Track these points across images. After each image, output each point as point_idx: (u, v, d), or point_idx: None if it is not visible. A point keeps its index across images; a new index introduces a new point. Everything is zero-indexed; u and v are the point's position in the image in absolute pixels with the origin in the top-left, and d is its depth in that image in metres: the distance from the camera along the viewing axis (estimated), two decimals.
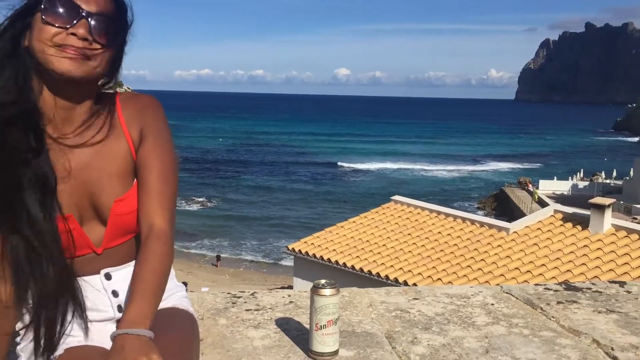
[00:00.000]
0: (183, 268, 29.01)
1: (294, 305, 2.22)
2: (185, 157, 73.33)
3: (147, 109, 1.44)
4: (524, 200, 43.12)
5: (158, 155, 1.39)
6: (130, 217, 1.37)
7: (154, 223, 1.32)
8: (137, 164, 1.38)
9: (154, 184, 1.36)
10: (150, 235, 1.30)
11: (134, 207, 1.36)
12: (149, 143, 1.39)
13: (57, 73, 1.26)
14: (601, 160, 71.85)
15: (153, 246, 1.29)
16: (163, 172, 1.38)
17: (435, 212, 15.55)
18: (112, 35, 1.30)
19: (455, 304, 2.29)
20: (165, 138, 1.43)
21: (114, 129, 1.39)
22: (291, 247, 15.78)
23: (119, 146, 1.38)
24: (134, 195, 1.37)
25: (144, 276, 1.24)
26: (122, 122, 1.41)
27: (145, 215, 1.33)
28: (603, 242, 12.79)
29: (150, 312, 1.19)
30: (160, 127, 1.44)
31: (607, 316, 2.18)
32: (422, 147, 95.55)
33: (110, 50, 1.32)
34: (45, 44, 1.25)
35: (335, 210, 42.41)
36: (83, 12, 1.26)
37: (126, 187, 1.37)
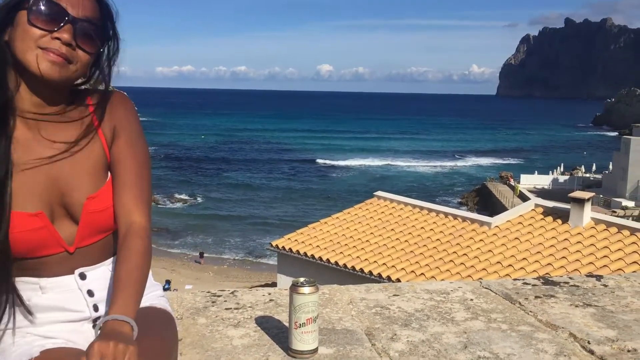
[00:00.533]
0: (167, 266, 28.84)
1: (274, 304, 2.22)
2: (168, 154, 72.83)
3: (118, 106, 1.45)
4: (505, 194, 43.53)
5: (132, 152, 1.40)
6: (103, 215, 1.36)
7: (134, 220, 1.34)
8: (112, 162, 1.39)
9: (131, 181, 1.37)
10: (130, 232, 1.32)
11: (106, 204, 1.36)
12: (122, 140, 1.40)
13: (38, 75, 1.27)
14: (581, 155, 72.82)
15: (134, 243, 1.31)
16: (138, 169, 1.39)
17: (418, 207, 15.63)
18: (95, 41, 1.33)
19: (435, 299, 2.31)
20: (138, 135, 1.44)
21: (87, 127, 1.39)
22: (275, 244, 15.76)
23: (92, 143, 1.39)
24: (106, 192, 1.37)
25: (126, 275, 1.26)
26: (95, 120, 1.41)
27: (123, 212, 1.34)
28: (583, 236, 12.96)
29: (133, 307, 1.22)
30: (133, 124, 1.45)
31: (583, 310, 2.21)
32: (405, 142, 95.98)
33: (92, 56, 1.34)
34: (28, 45, 1.26)
35: (318, 207, 42.45)
36: (69, 17, 1.27)
37: (99, 184, 1.37)
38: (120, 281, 1.25)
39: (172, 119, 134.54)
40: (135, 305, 1.23)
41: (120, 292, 1.23)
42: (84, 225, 1.35)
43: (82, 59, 1.31)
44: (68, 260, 1.36)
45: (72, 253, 1.36)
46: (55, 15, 1.26)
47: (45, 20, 1.26)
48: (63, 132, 1.36)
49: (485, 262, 12.86)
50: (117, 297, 1.22)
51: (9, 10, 1.27)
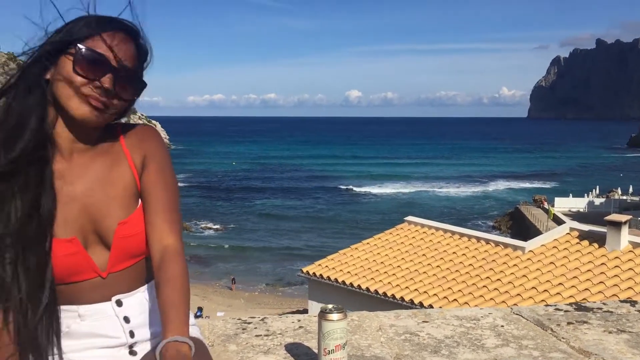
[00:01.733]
0: (198, 293, 28.98)
1: (303, 330, 2.24)
2: (199, 182, 73.70)
3: (148, 137, 1.52)
4: (539, 218, 42.72)
5: (162, 179, 1.46)
6: (134, 240, 1.41)
7: (168, 243, 1.38)
8: (142, 189, 1.45)
9: (162, 206, 1.42)
10: (167, 255, 1.37)
11: (137, 229, 1.41)
12: (152, 168, 1.47)
13: (76, 119, 1.35)
14: (617, 177, 71.15)
15: (172, 267, 1.35)
16: (168, 195, 1.45)
17: (449, 232, 15.47)
18: (132, 89, 1.40)
19: (465, 326, 2.29)
20: (167, 163, 1.51)
21: (117, 156, 1.47)
22: (305, 270, 15.75)
23: (123, 172, 1.45)
24: (137, 217, 1.42)
25: (172, 297, 1.31)
26: (125, 151, 1.48)
27: (156, 236, 1.39)
28: (620, 260, 12.63)
29: (187, 324, 1.28)
30: (162, 153, 1.51)
31: (617, 336, 2.17)
32: (435, 167, 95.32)
33: (128, 102, 1.42)
34: (70, 92, 1.33)
35: (348, 234, 42.26)
36: (111, 67, 1.34)
37: (130, 210, 1.43)
38: (167, 305, 1.29)
39: (204, 146, 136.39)
40: (187, 326, 1.27)
41: (170, 313, 1.27)
42: (116, 251, 1.40)
43: (119, 106, 1.39)
44: (102, 287, 1.41)
45: (105, 278, 1.41)
46: (99, 64, 1.33)
47: (89, 69, 1.32)
48: (95, 163, 1.43)
49: (519, 288, 12.61)
50: (169, 319, 1.26)
51: (55, 53, 1.34)
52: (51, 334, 1.35)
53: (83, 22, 1.36)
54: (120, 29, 1.37)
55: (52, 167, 1.36)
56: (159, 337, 1.36)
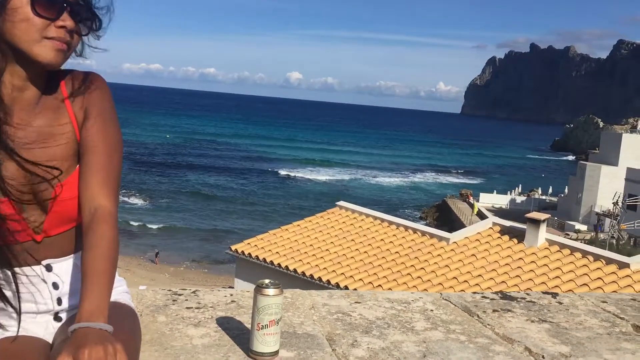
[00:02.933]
0: (122, 265, 28.29)
1: (235, 305, 2.21)
2: (130, 152, 71.68)
3: (91, 87, 1.40)
4: (464, 211, 44.29)
5: (102, 134, 1.35)
6: (72, 203, 1.32)
7: (100, 204, 1.28)
8: (81, 144, 1.34)
9: (98, 165, 1.31)
10: (97, 217, 1.26)
11: (76, 192, 1.32)
12: (92, 122, 1.35)
13: (43, 63, 1.25)
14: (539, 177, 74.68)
15: (101, 229, 1.24)
16: (107, 153, 1.34)
17: (379, 219, 15.76)
18: (89, 22, 1.31)
19: (396, 308, 2.33)
20: (110, 117, 1.39)
21: (59, 110, 1.35)
22: (234, 248, 15.65)
23: (62, 127, 1.34)
24: (76, 179, 1.32)
25: (95, 263, 1.20)
26: (67, 103, 1.36)
27: (89, 197, 1.29)
28: (537, 256, 13.28)
29: (107, 303, 1.16)
30: (105, 105, 1.40)
31: (539, 325, 2.26)
32: (369, 155, 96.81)
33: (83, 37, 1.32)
34: (33, 37, 1.22)
35: (279, 216, 42.35)
36: (67, 2, 1.25)
37: (69, 171, 1.33)
38: (89, 272, 1.18)
39: (137, 116, 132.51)
40: (107, 301, 1.16)
41: (91, 285, 1.16)
42: (53, 214, 1.31)
43: (77, 42, 1.30)
44: (35, 250, 1.32)
45: (39, 242, 1.32)
46: (57, 2, 1.23)
47: (49, 8, 1.22)
48: (35, 117, 1.31)
49: (442, 277, 13.04)
50: (88, 292, 1.15)
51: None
52: None
53: None
54: None
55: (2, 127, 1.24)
56: None
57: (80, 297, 1.16)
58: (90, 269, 1.19)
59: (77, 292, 1.37)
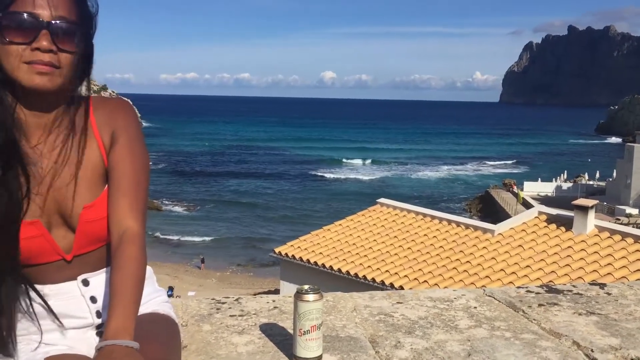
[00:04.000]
0: (169, 272, 28.86)
1: (278, 311, 2.23)
2: (171, 161, 72.99)
3: (118, 111, 1.43)
4: (508, 202, 43.46)
5: (129, 158, 1.37)
6: (99, 224, 1.35)
7: (128, 226, 1.30)
8: (109, 168, 1.37)
9: (126, 187, 1.34)
10: (124, 239, 1.29)
11: (103, 213, 1.35)
12: (120, 146, 1.38)
13: (31, 89, 1.26)
14: (585, 162, 72.67)
15: (128, 251, 1.27)
16: (135, 175, 1.36)
17: (421, 214, 15.62)
18: (76, 38, 1.29)
19: (439, 307, 2.31)
20: (136, 140, 1.41)
21: (85, 134, 1.38)
22: (277, 251, 15.76)
23: (90, 151, 1.37)
24: (103, 201, 1.35)
25: (122, 283, 1.23)
26: (94, 126, 1.39)
27: (117, 219, 1.31)
28: (586, 243, 12.93)
29: (132, 320, 1.19)
30: (132, 129, 1.42)
31: (587, 318, 2.21)
32: (408, 149, 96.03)
33: (78, 54, 1.31)
34: (13, 63, 1.24)
35: (321, 215, 42.43)
36: (42, 23, 1.24)
37: (96, 193, 1.36)
38: (116, 292, 1.21)
39: (176, 126, 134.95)
40: (132, 321, 1.19)
41: (117, 304, 1.19)
42: (81, 235, 1.35)
43: (67, 61, 1.28)
44: (67, 268, 1.37)
45: (69, 261, 1.36)
46: (28, 25, 1.23)
47: (20, 34, 1.23)
48: (62, 142, 1.35)
49: (488, 270, 12.83)
50: (114, 315, 1.18)
51: None
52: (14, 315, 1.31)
53: None
54: None
55: (19, 148, 1.28)
56: None
57: (107, 316, 1.20)
58: (118, 289, 1.22)
59: None
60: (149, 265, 1.40)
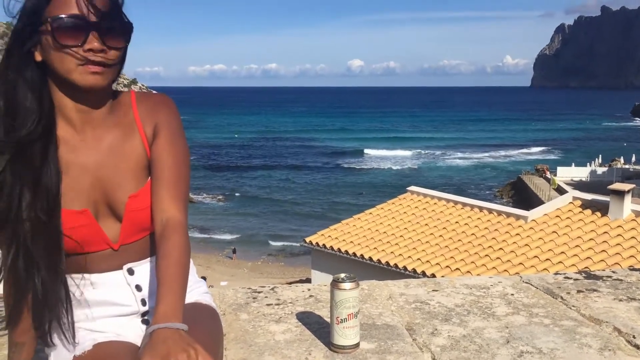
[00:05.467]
0: (202, 262, 29.25)
1: (314, 299, 2.24)
2: (202, 152, 73.77)
3: (160, 106, 1.48)
4: (541, 187, 42.73)
5: (171, 149, 1.42)
6: (144, 214, 1.39)
7: (170, 215, 1.34)
8: (151, 160, 1.41)
9: (167, 177, 1.38)
10: (168, 227, 1.32)
11: (148, 203, 1.39)
12: (162, 138, 1.43)
13: (84, 89, 1.31)
14: (620, 145, 70.92)
15: (173, 238, 1.30)
16: (176, 166, 1.40)
17: (452, 201, 15.48)
18: (121, 35, 1.34)
19: (475, 294, 2.30)
20: (177, 133, 1.46)
21: (129, 127, 1.43)
22: (308, 240, 15.82)
23: (134, 143, 1.42)
24: (147, 191, 1.40)
25: (169, 270, 1.26)
26: (137, 120, 1.45)
27: (160, 208, 1.35)
28: (623, 229, 12.66)
29: (181, 305, 1.22)
30: (173, 123, 1.47)
31: (627, 304, 2.17)
32: (438, 136, 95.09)
33: (123, 50, 1.36)
34: (68, 67, 1.29)
35: (352, 202, 42.41)
36: (90, 24, 1.28)
37: (140, 184, 1.41)
38: (163, 278, 1.24)
39: (206, 117, 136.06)
40: (180, 305, 1.21)
41: (165, 290, 1.22)
42: (127, 223, 1.40)
43: (116, 57, 1.33)
44: (114, 257, 1.41)
45: (116, 250, 1.41)
46: (78, 27, 1.27)
47: (71, 37, 1.27)
48: (107, 134, 1.40)
49: (522, 257, 12.67)
50: (163, 300, 1.20)
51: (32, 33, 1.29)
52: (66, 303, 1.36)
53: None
54: None
55: (57, 143, 1.34)
56: None
57: (155, 301, 1.22)
58: (164, 276, 1.25)
59: None
60: None
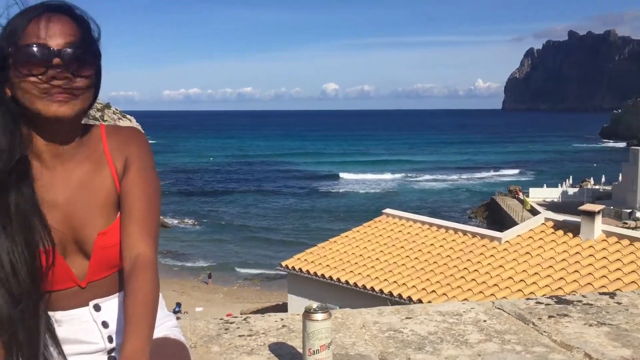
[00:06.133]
0: (176, 288, 28.82)
1: (287, 330, 2.22)
2: (176, 177, 73.19)
3: (131, 140, 1.45)
4: (515, 208, 43.28)
5: (141, 184, 1.39)
6: (114, 250, 1.36)
7: (140, 252, 1.31)
8: (121, 195, 1.38)
9: (138, 213, 1.35)
10: (137, 264, 1.29)
11: (117, 240, 1.36)
12: (132, 173, 1.40)
13: (51, 119, 1.28)
14: (590, 166, 72.41)
15: (142, 276, 1.28)
16: (146, 201, 1.38)
17: (427, 224, 15.58)
18: (88, 63, 1.31)
19: (448, 321, 2.30)
20: (149, 167, 1.44)
21: (99, 161, 1.41)
22: (284, 264, 15.73)
23: (103, 178, 1.40)
24: (117, 227, 1.37)
25: (136, 308, 1.24)
26: (107, 154, 1.42)
27: (129, 244, 1.32)
28: (594, 249, 12.86)
29: (148, 344, 1.19)
30: (144, 157, 1.44)
31: (598, 329, 2.20)
32: (412, 159, 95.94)
33: (92, 78, 1.33)
34: (31, 96, 1.26)
35: (327, 226, 42.37)
36: (54, 52, 1.26)
37: (109, 220, 1.38)
38: (131, 317, 1.22)
39: (181, 141, 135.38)
40: (147, 346, 1.19)
41: (132, 329, 1.20)
42: (96, 261, 1.36)
43: (83, 86, 1.31)
44: (80, 294, 1.38)
45: (83, 288, 1.38)
46: (41, 56, 1.25)
47: (34, 65, 1.25)
48: (77, 169, 1.38)
49: (496, 278, 12.77)
50: (129, 340, 1.18)
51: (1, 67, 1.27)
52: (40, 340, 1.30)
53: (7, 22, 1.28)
54: (47, 10, 1.28)
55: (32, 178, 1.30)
56: None
57: (122, 340, 1.20)
58: (132, 314, 1.23)
59: None
60: None
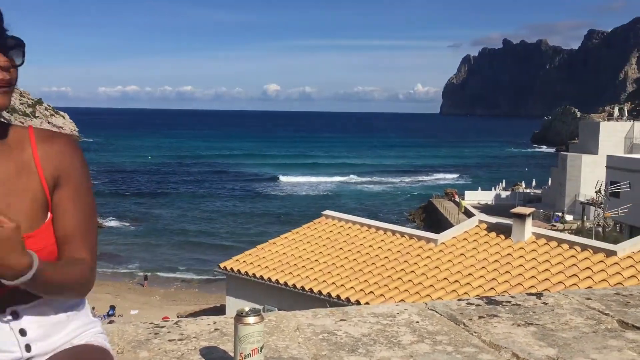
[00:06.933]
0: (111, 291, 27.99)
1: (219, 333, 2.17)
2: (112, 176, 71.17)
3: (65, 153, 1.41)
4: (451, 211, 44.46)
5: (78, 203, 1.39)
6: (40, 254, 1.28)
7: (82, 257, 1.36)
8: (55, 210, 1.36)
9: (76, 231, 1.36)
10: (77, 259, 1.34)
11: (44, 243, 1.32)
12: (68, 191, 1.38)
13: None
14: (522, 171, 75.27)
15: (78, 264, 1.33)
16: (84, 219, 1.39)
17: (365, 225, 15.76)
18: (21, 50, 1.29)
19: (382, 323, 2.31)
20: (84, 185, 1.42)
21: (27, 166, 1.35)
22: (222, 266, 15.54)
23: (31, 184, 1.35)
24: (45, 232, 1.33)
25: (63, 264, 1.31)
26: (37, 162, 1.37)
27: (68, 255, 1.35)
28: (525, 250, 13.35)
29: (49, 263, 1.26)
30: (79, 173, 1.42)
31: (525, 329, 2.26)
32: (352, 161, 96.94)
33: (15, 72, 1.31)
34: None
35: (266, 228, 42.21)
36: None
37: (35, 224, 1.33)
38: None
39: (117, 140, 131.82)
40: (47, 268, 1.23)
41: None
42: None
43: (15, 75, 1.30)
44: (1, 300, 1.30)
45: (3, 294, 1.30)
46: None
47: None
48: (1, 170, 1.32)
49: (432, 279, 13.05)
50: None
51: None
52: None
53: None
54: None
55: None
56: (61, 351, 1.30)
57: None
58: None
59: (47, 337, 1.35)
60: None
